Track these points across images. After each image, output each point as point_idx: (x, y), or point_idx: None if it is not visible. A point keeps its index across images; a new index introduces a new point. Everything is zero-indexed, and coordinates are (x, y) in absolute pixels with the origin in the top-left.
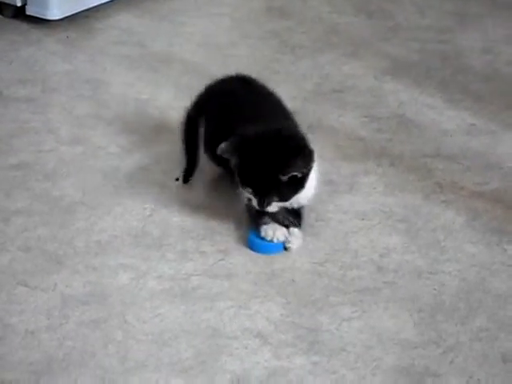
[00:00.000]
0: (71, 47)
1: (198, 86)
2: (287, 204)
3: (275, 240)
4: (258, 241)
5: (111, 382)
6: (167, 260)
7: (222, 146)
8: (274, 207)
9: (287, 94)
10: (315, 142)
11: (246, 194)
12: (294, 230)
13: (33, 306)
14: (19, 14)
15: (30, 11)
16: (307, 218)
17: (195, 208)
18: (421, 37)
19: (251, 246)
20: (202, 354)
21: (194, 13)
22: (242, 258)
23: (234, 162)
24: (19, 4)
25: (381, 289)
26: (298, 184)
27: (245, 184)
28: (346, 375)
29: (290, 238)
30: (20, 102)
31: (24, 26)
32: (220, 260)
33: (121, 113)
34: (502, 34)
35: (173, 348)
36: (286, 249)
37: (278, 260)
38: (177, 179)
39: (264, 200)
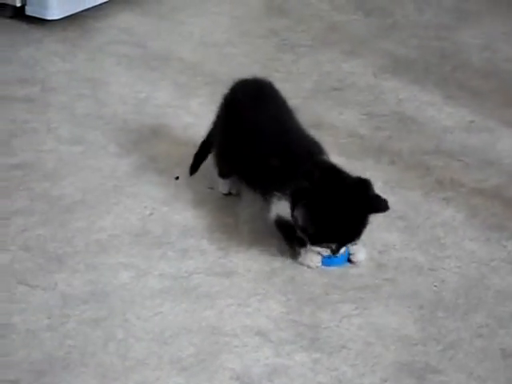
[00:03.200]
0: (70, 47)
1: (196, 86)
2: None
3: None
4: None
5: (112, 381)
6: (168, 258)
7: (297, 213)
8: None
9: (287, 92)
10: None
11: (318, 250)
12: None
13: (33, 305)
14: (18, 14)
15: (29, 11)
16: None
17: (195, 206)
18: (419, 34)
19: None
20: (203, 352)
21: (192, 11)
22: (242, 256)
23: (310, 228)
24: (18, 4)
25: (381, 286)
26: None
27: (328, 241)
28: (346, 372)
29: (353, 251)
30: (20, 102)
31: (23, 26)
32: (220, 258)
33: (120, 112)
34: (500, 30)
35: (173, 346)
36: (349, 261)
37: (278, 258)
38: (177, 178)
39: (344, 246)
